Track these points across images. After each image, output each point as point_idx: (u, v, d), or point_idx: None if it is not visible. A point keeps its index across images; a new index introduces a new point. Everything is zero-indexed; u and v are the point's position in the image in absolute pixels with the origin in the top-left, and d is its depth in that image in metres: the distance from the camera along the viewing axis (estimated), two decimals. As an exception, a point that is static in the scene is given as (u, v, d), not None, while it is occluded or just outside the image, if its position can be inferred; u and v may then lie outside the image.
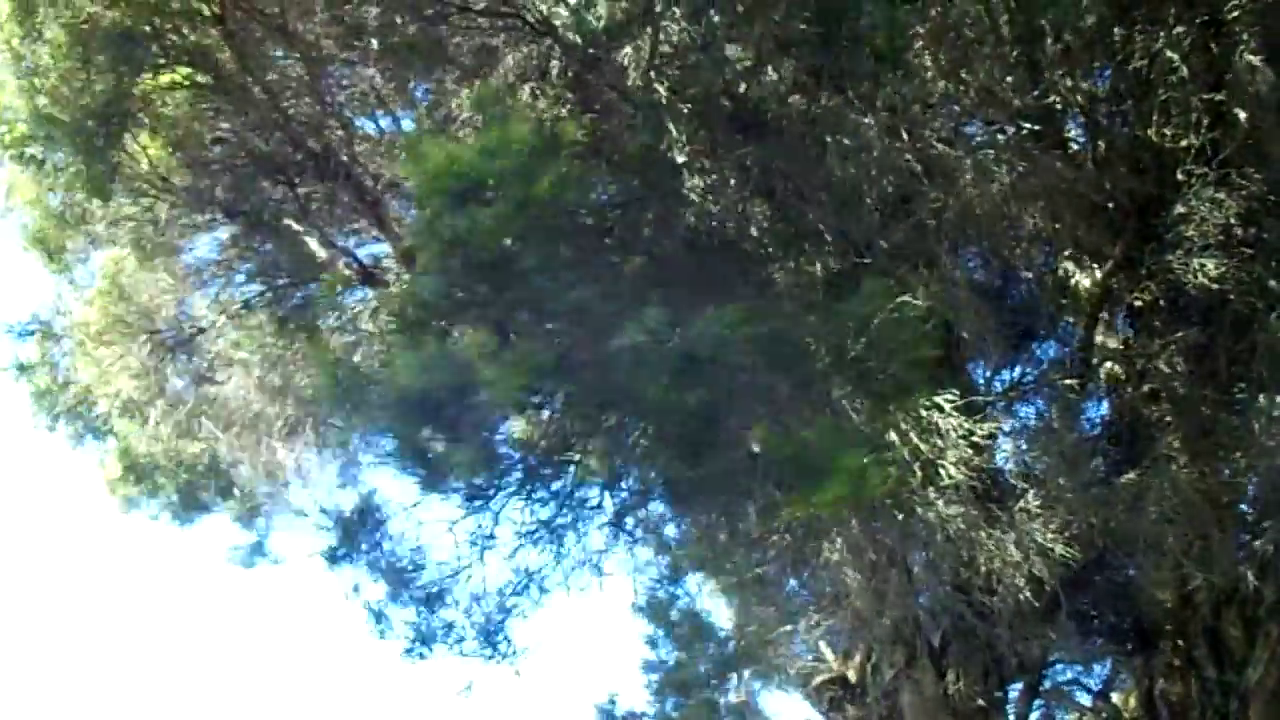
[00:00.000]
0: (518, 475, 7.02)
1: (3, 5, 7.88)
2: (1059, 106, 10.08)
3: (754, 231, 7.87)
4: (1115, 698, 13.86)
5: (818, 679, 13.08)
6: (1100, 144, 10.55)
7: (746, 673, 12.76)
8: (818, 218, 8.17)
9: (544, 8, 7.23)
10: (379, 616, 8.07)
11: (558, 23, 7.21)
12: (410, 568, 7.87)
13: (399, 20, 7.73)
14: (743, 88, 7.79)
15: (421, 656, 8.27)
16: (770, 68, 8.13)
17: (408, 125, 9.48)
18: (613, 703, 13.50)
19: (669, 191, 7.53)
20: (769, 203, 8.15)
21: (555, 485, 7.35)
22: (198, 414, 10.52)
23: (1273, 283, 9.40)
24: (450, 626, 8.08)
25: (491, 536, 7.46)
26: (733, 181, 7.94)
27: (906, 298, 6.85)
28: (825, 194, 8.57)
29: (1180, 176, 9.59)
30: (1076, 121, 10.83)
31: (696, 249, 7.49)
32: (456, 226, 5.63)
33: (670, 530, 12.61)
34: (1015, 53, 9.75)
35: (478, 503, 7.06)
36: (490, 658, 8.16)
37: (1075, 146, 10.93)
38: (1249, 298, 9.42)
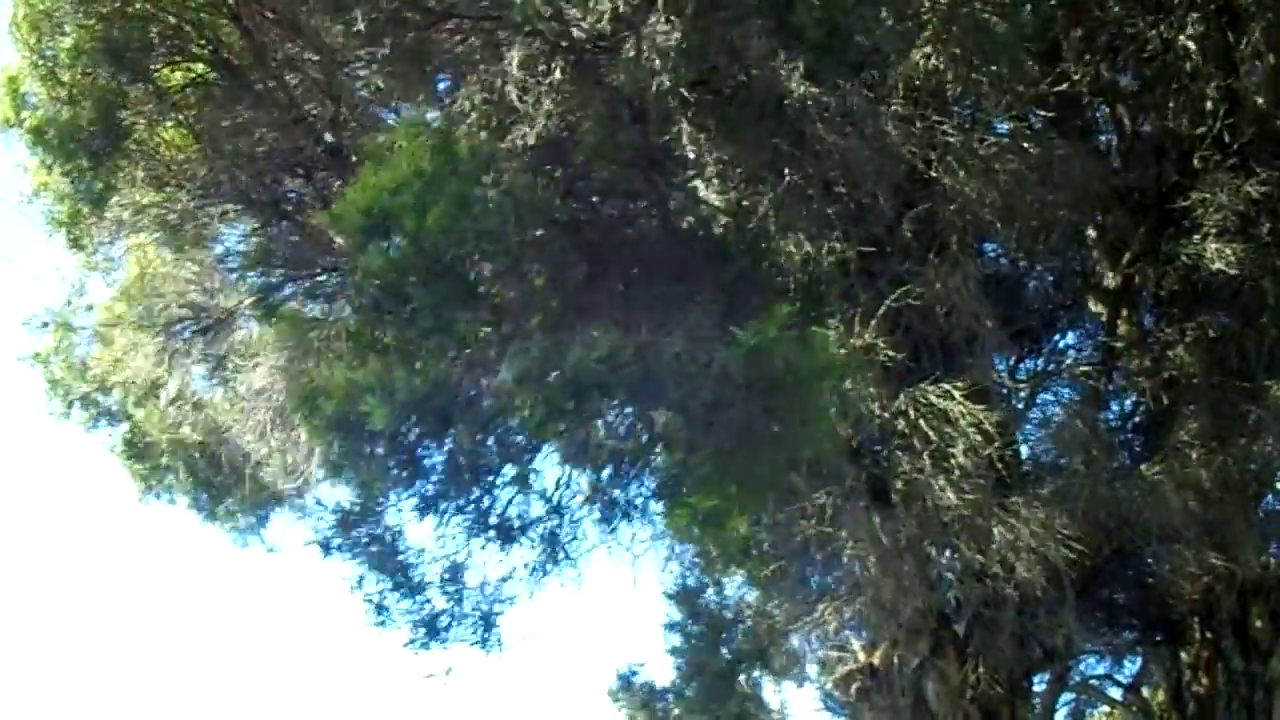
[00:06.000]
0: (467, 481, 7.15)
1: (19, 6, 8.11)
2: (1080, 96, 10.07)
3: (752, 224, 7.88)
4: (1145, 692, 13.83)
5: (844, 669, 13.06)
6: (1120, 132, 10.56)
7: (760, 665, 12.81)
8: (825, 207, 8.18)
9: (529, 10, 7.26)
10: (379, 609, 8.10)
11: (541, 26, 7.25)
12: (406, 558, 7.93)
13: (396, 25, 7.82)
14: (748, 77, 7.78)
15: (425, 647, 8.31)
16: (779, 55, 8.10)
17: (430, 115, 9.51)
18: (634, 672, 13.71)
19: (663, 184, 7.60)
20: (774, 191, 8.15)
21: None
22: (216, 401, 10.71)
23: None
24: (446, 615, 8.14)
25: (485, 526, 7.54)
26: (738, 171, 7.98)
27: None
28: (840, 182, 8.62)
29: (1197, 164, 9.58)
30: (1097, 110, 10.83)
31: (681, 245, 7.57)
32: (364, 264, 5.92)
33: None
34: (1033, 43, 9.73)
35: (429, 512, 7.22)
36: (484, 645, 8.22)
37: (1097, 135, 10.97)
38: (1262, 284, 9.39)
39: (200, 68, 8.63)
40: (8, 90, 8.52)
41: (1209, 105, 9.40)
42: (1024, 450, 11.05)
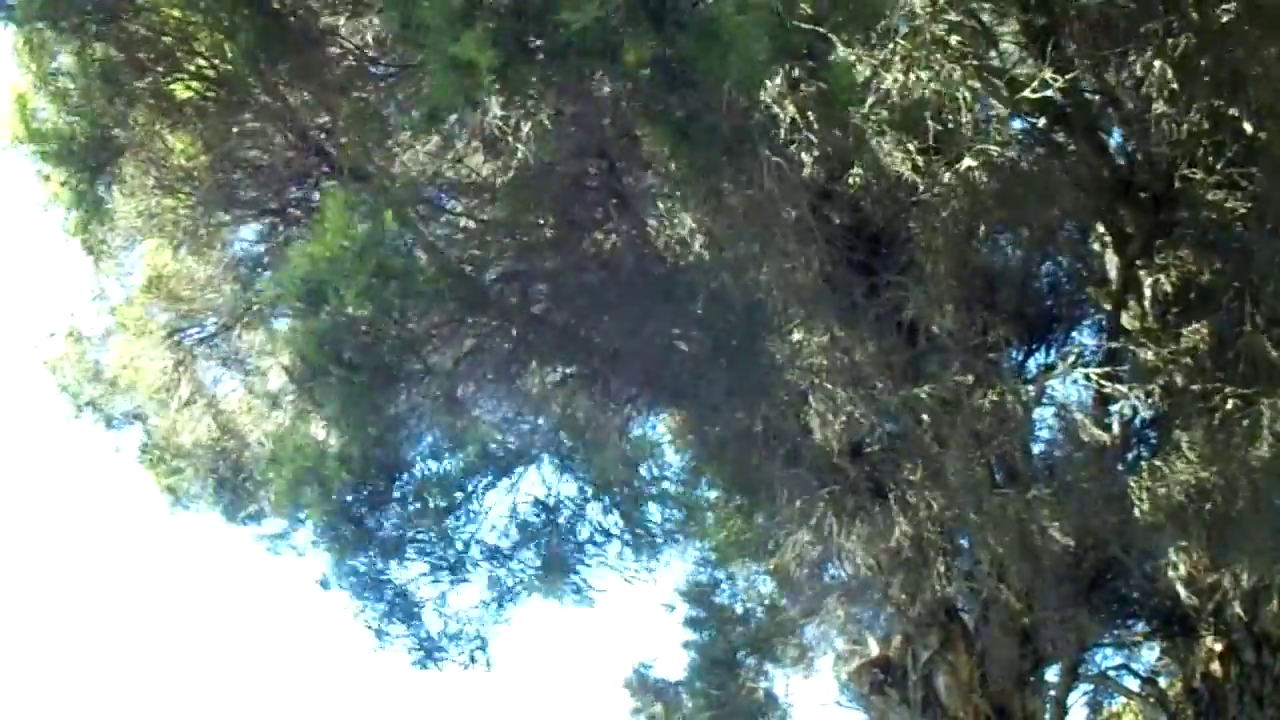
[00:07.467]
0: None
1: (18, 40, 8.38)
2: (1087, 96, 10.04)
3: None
4: (1162, 683, 13.85)
5: (858, 662, 13.17)
6: (1120, 133, 10.52)
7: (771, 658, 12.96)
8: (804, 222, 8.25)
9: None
10: (379, 634, 8.36)
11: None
12: (399, 586, 8.18)
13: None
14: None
15: (425, 667, 8.58)
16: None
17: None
18: (648, 667, 13.91)
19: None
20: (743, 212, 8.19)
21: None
22: (231, 403, 10.94)
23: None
24: (441, 638, 8.41)
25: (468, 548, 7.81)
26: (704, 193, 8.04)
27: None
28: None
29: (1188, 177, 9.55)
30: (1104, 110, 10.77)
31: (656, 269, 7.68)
32: (292, 335, 6.13)
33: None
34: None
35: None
36: (472, 667, 8.51)
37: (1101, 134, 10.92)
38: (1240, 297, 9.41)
39: (198, 85, 8.78)
40: (17, 107, 8.73)
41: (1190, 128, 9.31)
42: (1027, 448, 11.07)
